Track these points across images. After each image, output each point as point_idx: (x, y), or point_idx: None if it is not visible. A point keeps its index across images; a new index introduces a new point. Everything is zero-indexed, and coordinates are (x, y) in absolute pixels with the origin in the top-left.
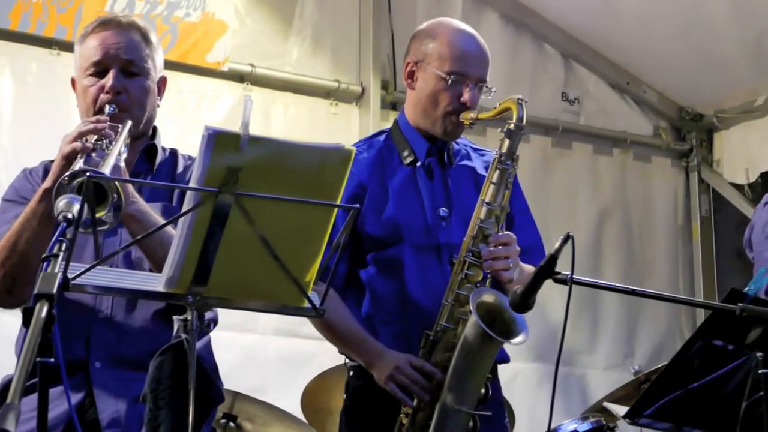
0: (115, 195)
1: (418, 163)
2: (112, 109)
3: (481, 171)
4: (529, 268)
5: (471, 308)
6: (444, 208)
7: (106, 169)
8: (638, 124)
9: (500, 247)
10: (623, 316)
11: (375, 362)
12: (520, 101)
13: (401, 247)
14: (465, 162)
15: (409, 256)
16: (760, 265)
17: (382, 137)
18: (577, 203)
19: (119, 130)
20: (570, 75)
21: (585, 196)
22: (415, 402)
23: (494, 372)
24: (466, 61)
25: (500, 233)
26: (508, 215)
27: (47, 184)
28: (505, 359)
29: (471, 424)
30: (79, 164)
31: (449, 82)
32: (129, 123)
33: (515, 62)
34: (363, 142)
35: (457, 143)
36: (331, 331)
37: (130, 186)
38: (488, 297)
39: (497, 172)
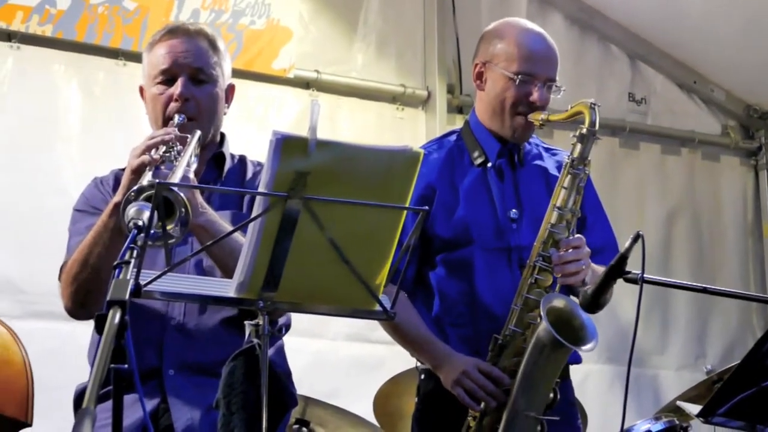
0: (183, 209)
1: (489, 164)
2: (181, 118)
3: (552, 171)
4: (602, 269)
5: (541, 314)
6: (514, 210)
7: (175, 181)
8: (706, 123)
9: (570, 251)
10: (694, 316)
11: (442, 365)
12: (592, 105)
13: (471, 248)
14: (537, 162)
15: (479, 258)
16: None
17: (453, 137)
18: (646, 204)
19: (188, 140)
20: (636, 75)
21: (653, 196)
22: (482, 406)
23: (566, 372)
24: (534, 60)
25: (571, 237)
26: (581, 215)
27: (117, 198)
28: (578, 360)
29: (539, 428)
30: (147, 177)
31: (517, 83)
32: (198, 133)
33: (581, 63)
34: (433, 142)
35: (529, 143)
36: (399, 333)
37: (199, 197)
38: (558, 302)
39: (569, 176)
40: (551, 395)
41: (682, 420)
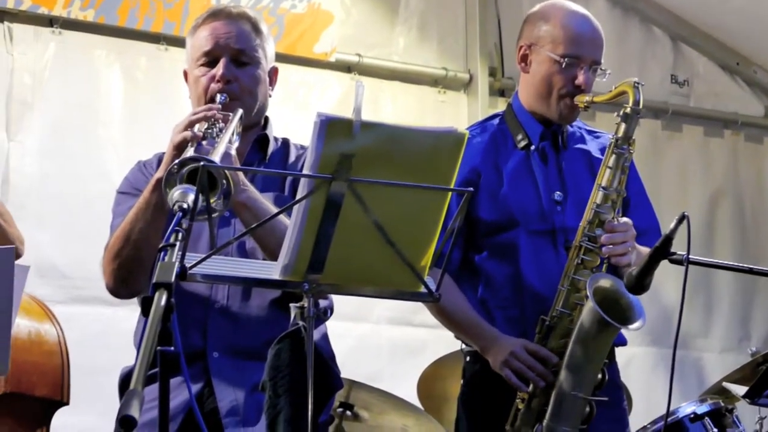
0: (224, 181)
1: (532, 147)
2: (223, 98)
3: (596, 154)
4: (646, 251)
5: (588, 294)
6: (559, 192)
7: (216, 157)
8: (749, 105)
9: (618, 233)
10: (738, 298)
11: (490, 347)
12: (636, 84)
13: (516, 231)
14: (579, 145)
15: (524, 241)
16: None
17: (496, 121)
18: (689, 186)
19: (230, 118)
20: (679, 57)
21: (696, 178)
22: (530, 388)
23: (612, 355)
24: (580, 43)
25: (616, 219)
26: (624, 198)
27: (159, 173)
28: (623, 342)
29: (587, 409)
30: (189, 153)
31: (563, 65)
32: (240, 111)
33: (623, 46)
34: (476, 125)
35: (572, 126)
36: (446, 316)
37: (240, 174)
38: (605, 282)
39: (613, 156)
40: (599, 376)
41: (727, 402)
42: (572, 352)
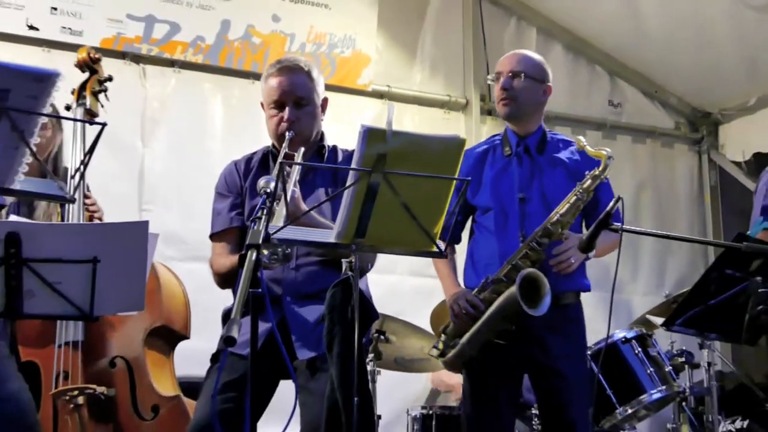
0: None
1: (512, 154)
2: (291, 134)
3: (565, 157)
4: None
5: (516, 281)
6: (521, 192)
7: (281, 220)
8: (664, 120)
9: (563, 253)
10: (656, 257)
11: (447, 291)
12: (609, 158)
13: (491, 214)
14: (555, 153)
15: (494, 221)
16: (755, 216)
17: (498, 137)
18: (620, 179)
19: (292, 167)
20: (614, 87)
21: (626, 174)
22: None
23: (577, 297)
24: (499, 63)
25: (564, 236)
26: (596, 197)
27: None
28: (587, 288)
29: (494, 342)
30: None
31: (493, 80)
32: (301, 150)
33: (575, 79)
34: (486, 141)
35: (552, 138)
36: (438, 268)
37: (302, 204)
38: (534, 274)
39: (574, 197)
40: (508, 327)
41: (648, 330)
42: (495, 310)
